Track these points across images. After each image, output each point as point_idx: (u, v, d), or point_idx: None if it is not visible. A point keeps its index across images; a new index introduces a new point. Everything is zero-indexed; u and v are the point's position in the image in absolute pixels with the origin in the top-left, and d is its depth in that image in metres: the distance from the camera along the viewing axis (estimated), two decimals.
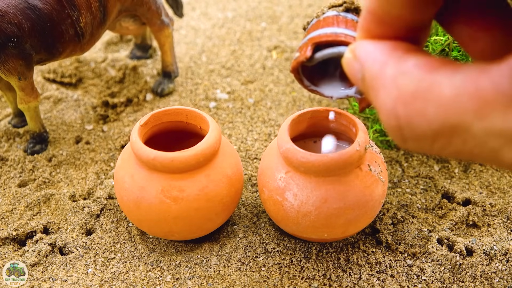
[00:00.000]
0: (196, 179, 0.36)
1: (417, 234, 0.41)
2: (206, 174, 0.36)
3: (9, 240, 0.41)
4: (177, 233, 0.38)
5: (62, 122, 0.53)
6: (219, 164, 0.37)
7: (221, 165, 0.37)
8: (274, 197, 0.37)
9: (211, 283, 0.38)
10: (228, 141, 0.40)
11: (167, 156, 0.35)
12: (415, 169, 0.47)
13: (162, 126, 0.40)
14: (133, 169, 0.37)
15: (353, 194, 0.36)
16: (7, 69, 0.43)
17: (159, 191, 0.35)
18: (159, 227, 0.37)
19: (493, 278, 0.38)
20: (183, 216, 0.36)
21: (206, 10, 0.72)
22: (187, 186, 0.36)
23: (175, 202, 0.36)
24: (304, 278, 0.38)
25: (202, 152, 0.35)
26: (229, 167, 0.38)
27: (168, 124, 0.40)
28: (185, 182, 0.36)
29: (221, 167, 0.37)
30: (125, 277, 0.38)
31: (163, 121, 0.40)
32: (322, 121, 0.40)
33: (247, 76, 0.59)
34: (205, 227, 0.38)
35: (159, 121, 0.39)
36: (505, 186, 0.45)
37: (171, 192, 0.35)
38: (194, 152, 0.35)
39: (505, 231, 0.41)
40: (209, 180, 0.36)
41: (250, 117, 0.53)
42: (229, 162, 0.38)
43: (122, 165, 0.38)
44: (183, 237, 0.39)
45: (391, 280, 0.38)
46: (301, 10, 0.70)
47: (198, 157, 0.35)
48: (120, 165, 0.38)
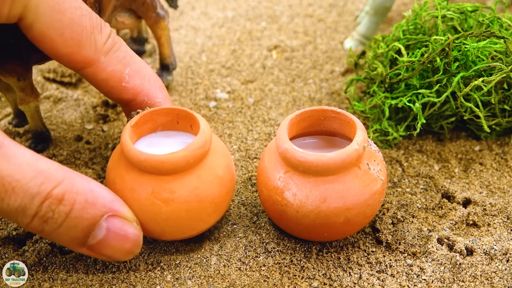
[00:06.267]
0: (186, 181, 0.36)
1: (417, 233, 0.41)
2: (197, 175, 0.36)
3: (9, 240, 0.41)
4: (169, 234, 0.37)
5: (62, 122, 0.53)
6: (210, 165, 0.37)
7: (212, 166, 0.37)
8: (273, 197, 0.37)
9: (211, 283, 0.38)
10: (220, 140, 0.40)
11: (157, 158, 0.35)
12: (415, 169, 0.47)
13: (152, 126, 0.40)
14: (123, 171, 0.36)
15: (352, 193, 0.36)
16: (6, 70, 0.43)
17: (149, 193, 0.35)
18: (150, 229, 0.37)
19: (493, 277, 0.38)
20: (174, 218, 0.36)
21: (206, 9, 0.72)
22: (178, 187, 0.35)
23: (166, 204, 0.35)
24: (304, 278, 0.38)
25: (192, 154, 0.35)
26: (220, 167, 0.37)
27: (158, 124, 0.40)
28: (176, 184, 0.35)
29: (212, 167, 0.37)
30: (125, 276, 0.38)
31: (154, 121, 0.39)
32: (321, 121, 0.40)
33: (247, 75, 0.59)
34: (197, 228, 0.38)
35: (150, 121, 0.39)
36: (505, 185, 0.45)
37: (161, 194, 0.35)
38: (184, 154, 0.35)
39: (505, 231, 0.41)
40: (200, 181, 0.36)
41: (250, 116, 0.53)
42: (220, 162, 0.38)
43: (112, 166, 0.38)
44: (175, 237, 0.39)
45: (391, 280, 0.38)
46: (301, 10, 0.70)
47: (188, 158, 0.35)
48: (111, 166, 0.38)
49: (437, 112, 0.47)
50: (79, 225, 0.32)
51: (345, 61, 0.60)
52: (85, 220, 0.32)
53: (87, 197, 0.32)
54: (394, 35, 0.51)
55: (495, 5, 0.48)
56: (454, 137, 0.50)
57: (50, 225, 0.32)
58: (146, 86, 0.40)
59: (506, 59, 0.45)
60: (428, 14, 0.49)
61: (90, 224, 0.32)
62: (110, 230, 0.33)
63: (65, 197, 0.31)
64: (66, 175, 0.32)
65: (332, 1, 0.72)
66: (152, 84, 0.40)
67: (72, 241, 0.33)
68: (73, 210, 0.32)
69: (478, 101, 0.45)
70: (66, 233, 0.32)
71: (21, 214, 0.31)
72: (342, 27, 0.67)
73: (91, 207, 0.32)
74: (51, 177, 0.31)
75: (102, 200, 0.33)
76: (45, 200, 0.31)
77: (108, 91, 0.39)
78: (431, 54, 0.45)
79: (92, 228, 0.33)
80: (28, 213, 0.31)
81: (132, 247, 0.35)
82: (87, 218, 0.32)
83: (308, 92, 0.56)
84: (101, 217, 0.32)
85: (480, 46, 0.45)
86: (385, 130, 0.48)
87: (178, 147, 0.38)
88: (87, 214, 0.32)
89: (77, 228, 0.32)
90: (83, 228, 0.32)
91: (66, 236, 0.33)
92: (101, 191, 0.33)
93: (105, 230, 0.33)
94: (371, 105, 0.49)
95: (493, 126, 0.47)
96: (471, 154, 0.48)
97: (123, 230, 0.34)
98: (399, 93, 0.48)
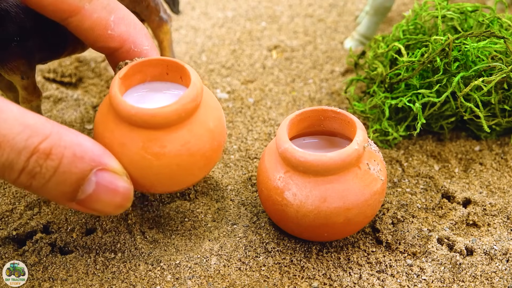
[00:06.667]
0: (177, 134, 0.35)
1: (417, 233, 0.41)
2: (188, 129, 0.35)
3: (9, 240, 0.41)
4: (159, 187, 0.37)
5: (62, 122, 0.53)
6: (201, 118, 0.36)
7: (203, 119, 0.36)
8: (273, 197, 0.37)
9: (211, 283, 0.38)
10: (210, 92, 0.39)
11: (148, 111, 0.34)
12: (415, 169, 0.47)
13: (141, 77, 0.39)
14: (113, 125, 0.35)
15: (352, 193, 0.36)
16: (10, 68, 0.43)
17: (140, 147, 0.34)
18: (141, 183, 0.36)
19: (493, 277, 0.38)
20: (164, 172, 0.35)
21: (206, 9, 0.72)
22: (169, 141, 0.35)
23: (157, 158, 0.34)
24: (304, 278, 0.38)
25: (184, 107, 0.34)
26: (211, 121, 0.36)
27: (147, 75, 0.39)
28: (167, 138, 0.35)
29: (203, 121, 0.36)
30: (125, 276, 0.38)
31: (143, 72, 0.38)
32: (321, 121, 0.40)
33: (247, 75, 0.59)
34: (187, 181, 0.37)
35: (139, 72, 0.38)
36: (505, 185, 0.45)
37: (152, 148, 0.34)
38: (175, 107, 0.34)
39: (505, 231, 0.41)
40: (191, 135, 0.35)
41: (250, 116, 0.53)
42: (211, 115, 0.37)
43: (101, 120, 0.36)
44: (165, 190, 0.38)
45: (391, 280, 0.38)
46: (301, 10, 0.70)
47: (179, 112, 0.34)
48: (99, 120, 0.37)
49: (437, 112, 0.47)
50: (68, 179, 0.31)
51: (345, 61, 0.60)
52: (74, 175, 0.31)
53: (75, 151, 0.31)
54: (394, 35, 0.51)
55: (495, 5, 0.48)
56: (454, 137, 0.50)
57: (38, 180, 0.31)
58: (132, 33, 0.39)
59: (506, 59, 0.45)
60: (428, 14, 0.49)
61: (79, 178, 0.32)
62: (100, 184, 0.32)
63: (52, 151, 0.31)
64: (53, 129, 0.31)
65: (332, 1, 0.72)
66: (138, 31, 0.39)
67: (61, 196, 0.32)
68: (61, 164, 0.31)
69: (478, 101, 0.45)
70: (55, 188, 0.32)
71: (8, 169, 0.30)
72: (342, 27, 0.66)
73: (79, 161, 0.31)
74: (38, 131, 0.31)
75: (91, 154, 0.32)
76: (32, 154, 0.30)
77: (95, 40, 0.39)
78: (431, 54, 0.45)
79: (81, 182, 0.32)
80: (15, 168, 0.30)
81: (122, 201, 0.34)
82: (76, 172, 0.31)
83: (308, 92, 0.56)
84: (90, 171, 0.32)
85: (480, 46, 0.45)
86: (385, 130, 0.48)
87: (168, 100, 0.37)
88: (76, 168, 0.31)
89: (66, 183, 0.31)
90: (72, 183, 0.32)
91: (55, 191, 0.32)
92: (90, 145, 0.32)
93: (95, 184, 0.32)
94: (371, 105, 0.49)
95: (493, 126, 0.47)
96: (471, 154, 0.48)
97: (113, 184, 0.33)
98: (399, 93, 0.48)
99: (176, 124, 0.35)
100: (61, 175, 0.31)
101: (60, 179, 0.31)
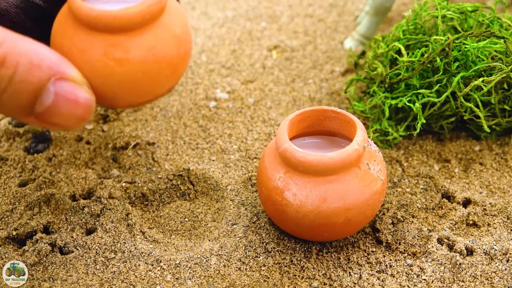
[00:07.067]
0: (142, 39, 0.33)
1: (417, 233, 0.41)
2: (154, 33, 0.33)
3: (9, 240, 0.41)
4: (123, 99, 0.35)
5: None
6: (167, 22, 0.34)
7: (169, 23, 0.34)
8: (273, 197, 0.37)
9: (211, 283, 0.38)
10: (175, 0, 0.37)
11: (110, 13, 0.32)
12: (415, 169, 0.47)
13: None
14: (71, 31, 0.33)
15: (352, 193, 0.36)
16: None
17: (101, 53, 0.32)
18: (103, 94, 0.33)
19: (493, 277, 0.38)
20: (129, 80, 0.33)
21: (206, 9, 0.72)
22: (133, 46, 0.33)
23: (120, 64, 0.33)
24: (304, 278, 0.38)
25: (149, 9, 0.33)
26: (178, 26, 0.35)
27: None
28: (131, 42, 0.33)
29: (169, 25, 0.34)
30: (125, 276, 0.38)
31: None
32: (321, 121, 0.40)
33: (247, 75, 0.59)
34: (153, 92, 0.35)
35: None
36: (505, 185, 0.45)
37: (115, 54, 0.32)
38: (139, 9, 0.32)
39: (505, 231, 0.41)
40: (157, 39, 0.33)
41: (250, 116, 0.53)
42: (177, 20, 0.35)
43: (58, 29, 0.35)
44: (130, 102, 0.36)
45: (391, 280, 0.38)
46: (301, 10, 0.70)
47: (144, 13, 0.32)
48: (57, 29, 0.35)
49: (437, 112, 0.47)
50: (24, 90, 0.29)
51: (345, 61, 0.60)
52: (31, 84, 0.29)
53: (31, 58, 0.29)
54: (394, 35, 0.51)
55: (495, 5, 0.48)
56: (454, 137, 0.50)
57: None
58: None
59: (506, 59, 0.45)
60: (428, 14, 0.49)
61: (36, 88, 0.30)
62: (59, 94, 0.30)
63: (7, 59, 0.28)
64: (7, 37, 0.29)
65: (332, 1, 0.72)
66: None
67: (18, 110, 0.30)
68: (16, 73, 0.29)
69: (478, 101, 0.45)
70: (11, 100, 0.30)
71: None
72: (342, 27, 0.66)
73: (36, 70, 0.29)
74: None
75: (48, 62, 0.30)
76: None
77: None
78: (431, 54, 0.45)
79: (39, 92, 0.30)
80: None
81: (83, 113, 0.32)
82: (33, 81, 0.29)
83: (308, 92, 0.56)
84: (48, 80, 0.30)
85: (480, 46, 0.45)
86: (385, 130, 0.48)
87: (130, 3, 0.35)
88: (32, 77, 0.29)
89: (22, 94, 0.29)
90: (29, 94, 0.30)
91: (11, 105, 0.30)
92: (47, 52, 0.30)
93: (53, 95, 0.30)
94: (371, 105, 0.49)
95: (493, 126, 0.47)
96: (471, 154, 0.48)
97: (73, 94, 0.31)
98: (399, 93, 0.48)
99: (141, 28, 0.33)
100: (17, 85, 0.29)
101: (15, 89, 0.29)
